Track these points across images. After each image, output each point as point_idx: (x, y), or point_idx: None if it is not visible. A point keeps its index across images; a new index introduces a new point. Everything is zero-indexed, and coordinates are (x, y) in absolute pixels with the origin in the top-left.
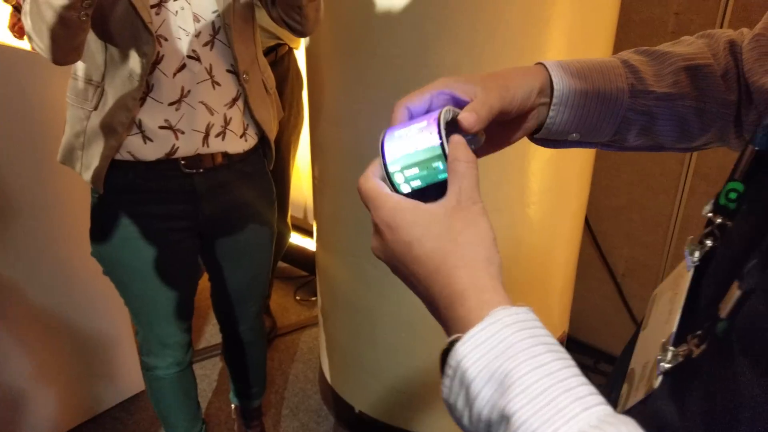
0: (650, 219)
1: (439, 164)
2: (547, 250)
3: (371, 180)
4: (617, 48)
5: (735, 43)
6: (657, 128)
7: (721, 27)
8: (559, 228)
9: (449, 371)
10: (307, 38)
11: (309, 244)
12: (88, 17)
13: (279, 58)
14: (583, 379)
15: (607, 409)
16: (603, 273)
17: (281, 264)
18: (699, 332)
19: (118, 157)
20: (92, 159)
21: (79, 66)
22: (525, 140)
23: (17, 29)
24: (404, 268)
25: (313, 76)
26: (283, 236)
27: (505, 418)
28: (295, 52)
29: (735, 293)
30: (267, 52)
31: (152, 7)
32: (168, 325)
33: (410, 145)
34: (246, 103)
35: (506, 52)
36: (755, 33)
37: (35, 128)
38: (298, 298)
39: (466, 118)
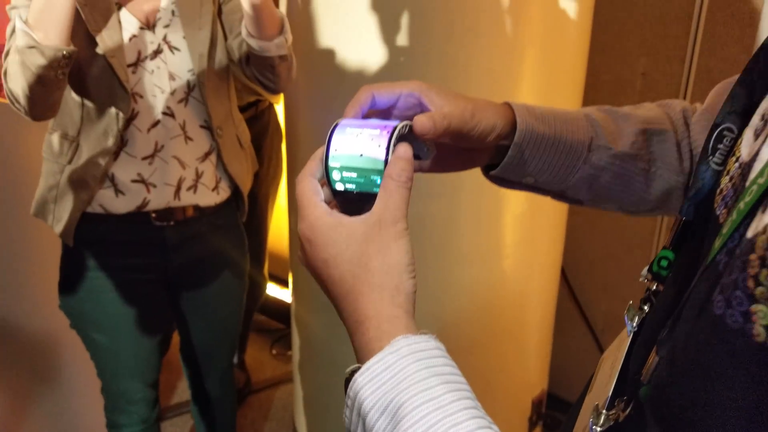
0: (626, 273)
1: (378, 179)
2: (523, 304)
3: (305, 180)
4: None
5: (687, 113)
6: (609, 186)
7: (686, 88)
8: (534, 282)
9: (348, 401)
10: (286, 94)
11: (287, 295)
12: (65, 76)
13: (259, 113)
14: (473, 412)
15: None
16: (582, 327)
17: (258, 316)
18: (625, 397)
19: (89, 210)
20: (64, 212)
21: (56, 121)
22: (498, 192)
23: None
24: (321, 284)
25: (291, 130)
26: (259, 287)
27: None
28: (276, 107)
29: (654, 359)
30: (247, 107)
31: (129, 65)
32: (133, 381)
33: (357, 148)
34: (219, 157)
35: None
36: (703, 108)
37: (10, 180)
38: (274, 352)
39: (422, 121)
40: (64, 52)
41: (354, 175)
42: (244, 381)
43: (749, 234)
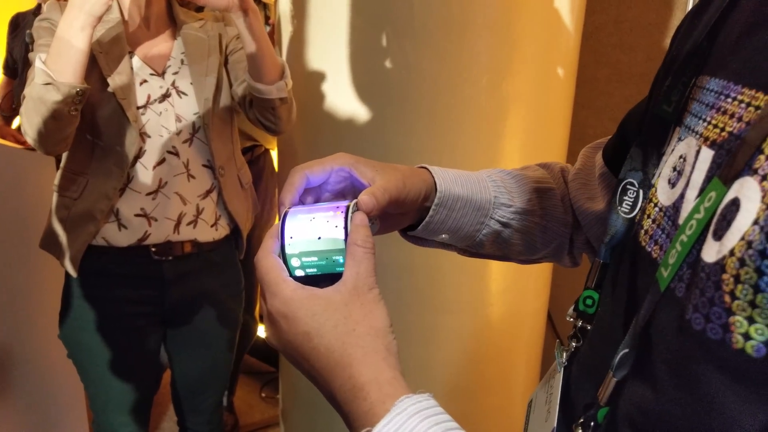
0: None
1: (340, 258)
2: (507, 352)
3: (269, 258)
4: (573, 159)
5: (565, 173)
6: (510, 239)
7: None
8: (520, 329)
9: None
10: (280, 139)
11: None
12: (78, 112)
13: (255, 158)
14: None
15: None
16: None
17: (248, 359)
18: (582, 420)
19: (93, 242)
20: (71, 244)
21: (68, 158)
22: None
23: None
24: (303, 361)
25: (284, 174)
26: (249, 329)
27: None
28: (272, 152)
29: (611, 382)
30: (244, 152)
31: (138, 107)
32: (123, 415)
33: (313, 232)
34: (220, 195)
35: (464, 162)
36: (576, 168)
37: (19, 216)
38: (263, 395)
39: (366, 201)
40: (78, 89)
41: (315, 258)
42: (232, 423)
43: (709, 259)
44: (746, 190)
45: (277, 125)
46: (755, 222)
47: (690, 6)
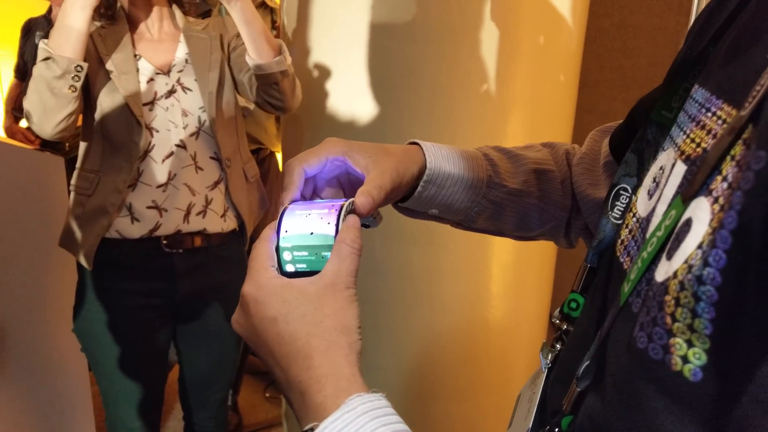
0: None
1: (328, 254)
2: (507, 354)
3: (262, 245)
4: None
5: (570, 155)
6: (503, 217)
7: None
8: (519, 332)
9: None
10: (284, 141)
11: None
12: (77, 91)
13: (260, 161)
14: None
15: None
16: None
17: (252, 358)
18: (548, 427)
19: (106, 235)
20: (85, 238)
21: (83, 159)
22: (484, 243)
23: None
24: (264, 346)
25: None
26: None
27: None
28: (277, 155)
29: (574, 391)
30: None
31: (146, 104)
32: (133, 408)
33: (307, 227)
34: (227, 187)
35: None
36: (582, 152)
37: (30, 215)
38: (267, 395)
39: (363, 203)
40: (76, 64)
41: (305, 253)
42: (236, 423)
43: (659, 278)
44: (699, 211)
45: (283, 101)
46: (699, 246)
47: (694, 10)
